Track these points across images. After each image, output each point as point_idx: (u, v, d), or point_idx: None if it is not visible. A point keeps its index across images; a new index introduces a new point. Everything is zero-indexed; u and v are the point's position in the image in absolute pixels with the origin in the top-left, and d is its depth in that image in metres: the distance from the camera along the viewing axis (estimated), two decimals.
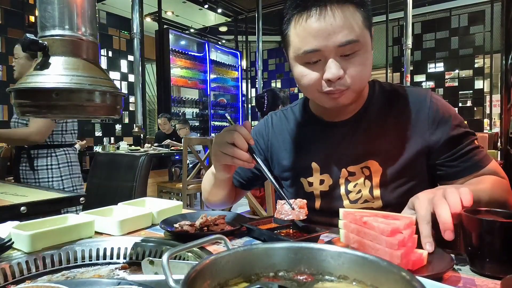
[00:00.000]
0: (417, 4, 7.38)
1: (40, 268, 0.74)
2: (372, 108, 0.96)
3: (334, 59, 0.81)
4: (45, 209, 1.33)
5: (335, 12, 0.79)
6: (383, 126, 0.94)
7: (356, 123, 0.96)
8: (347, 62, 0.82)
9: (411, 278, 0.35)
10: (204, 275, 0.39)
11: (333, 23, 0.79)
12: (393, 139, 0.92)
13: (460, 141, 0.90)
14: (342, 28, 0.79)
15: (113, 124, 7.21)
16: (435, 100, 0.92)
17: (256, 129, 1.15)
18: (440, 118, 0.90)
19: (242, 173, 1.14)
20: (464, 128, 0.92)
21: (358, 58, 0.82)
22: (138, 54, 4.09)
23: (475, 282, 0.59)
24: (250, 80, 9.57)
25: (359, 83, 0.85)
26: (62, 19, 0.61)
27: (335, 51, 0.80)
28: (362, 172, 0.94)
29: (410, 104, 0.93)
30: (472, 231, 0.62)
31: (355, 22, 0.80)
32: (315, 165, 0.98)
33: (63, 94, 0.58)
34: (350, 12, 0.80)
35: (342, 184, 0.95)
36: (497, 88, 7.51)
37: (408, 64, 5.35)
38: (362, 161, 0.93)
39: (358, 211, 0.66)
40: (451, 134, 0.90)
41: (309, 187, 1.00)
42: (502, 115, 3.65)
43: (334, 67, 0.81)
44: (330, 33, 0.79)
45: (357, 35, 0.80)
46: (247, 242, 0.84)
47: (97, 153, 2.26)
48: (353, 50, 0.81)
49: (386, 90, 0.98)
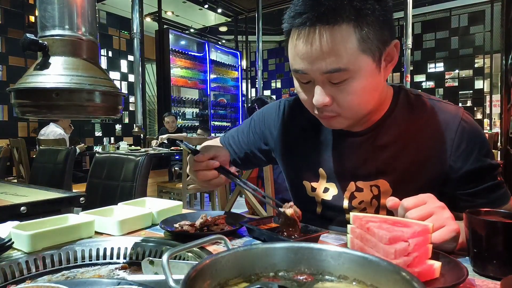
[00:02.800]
0: (417, 4, 7.37)
1: (40, 268, 0.74)
2: (392, 120, 0.86)
3: (321, 85, 0.75)
4: (45, 209, 1.33)
5: (323, 35, 0.70)
6: (402, 142, 0.85)
7: (373, 135, 0.87)
8: (336, 89, 0.75)
9: (411, 278, 0.35)
10: (204, 275, 0.39)
11: (319, 48, 0.70)
12: (410, 159, 0.84)
13: (481, 176, 0.82)
14: (328, 54, 0.70)
15: (113, 124, 7.20)
16: (465, 124, 0.82)
17: (265, 114, 1.06)
18: (466, 145, 0.81)
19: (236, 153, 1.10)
20: (490, 159, 0.82)
21: (348, 86, 0.73)
22: (138, 54, 4.09)
23: (475, 282, 0.59)
24: (250, 80, 9.57)
25: (352, 111, 0.78)
26: (62, 19, 0.61)
27: (321, 77, 0.74)
28: (371, 191, 0.87)
29: (436, 122, 0.83)
30: (474, 232, 0.62)
31: (345, 47, 0.70)
32: (322, 172, 0.93)
33: (63, 94, 0.58)
34: (342, 35, 0.69)
35: (347, 197, 0.90)
36: (497, 88, 7.50)
37: (408, 64, 5.35)
38: (373, 178, 0.87)
39: (368, 215, 0.63)
40: (474, 166, 0.81)
41: (311, 191, 0.96)
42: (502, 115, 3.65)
43: (319, 94, 0.75)
44: (315, 59, 0.71)
45: (346, 63, 0.70)
46: (247, 242, 0.84)
47: (97, 153, 2.25)
48: (341, 78, 0.72)
49: (412, 101, 0.87)
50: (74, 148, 3.02)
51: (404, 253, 0.54)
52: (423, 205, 0.66)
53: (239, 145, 1.09)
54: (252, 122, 1.09)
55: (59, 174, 2.82)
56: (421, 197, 0.68)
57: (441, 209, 0.66)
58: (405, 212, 0.66)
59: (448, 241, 0.64)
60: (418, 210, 0.65)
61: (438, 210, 0.66)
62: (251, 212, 2.33)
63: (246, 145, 1.08)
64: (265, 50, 9.16)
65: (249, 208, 2.41)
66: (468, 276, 0.54)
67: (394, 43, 0.76)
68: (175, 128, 5.85)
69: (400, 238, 0.55)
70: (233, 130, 1.14)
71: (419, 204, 0.66)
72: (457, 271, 0.56)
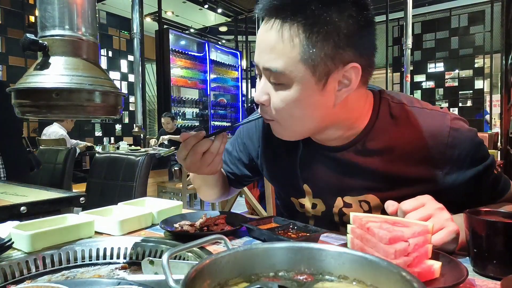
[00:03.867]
0: (417, 4, 7.38)
1: (40, 268, 0.74)
2: (374, 134, 0.79)
3: (263, 81, 0.72)
4: (45, 209, 1.33)
5: (274, 28, 0.66)
6: (387, 155, 0.79)
7: (354, 149, 0.81)
8: (273, 90, 0.71)
9: (411, 278, 0.35)
10: (204, 275, 0.39)
11: (266, 40, 0.68)
12: (397, 173, 0.79)
13: (479, 180, 0.79)
14: (270, 50, 0.67)
15: (113, 124, 7.21)
16: (455, 133, 0.76)
17: (246, 129, 1.02)
18: (457, 156, 0.76)
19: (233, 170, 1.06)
20: (485, 161, 0.79)
21: (282, 92, 0.69)
22: (138, 54, 4.10)
23: (475, 282, 0.59)
24: (250, 80, 9.57)
25: (285, 121, 0.73)
26: (62, 19, 0.61)
27: (263, 72, 0.70)
28: (361, 206, 0.84)
29: (423, 133, 0.77)
30: (474, 232, 0.62)
31: (287, 49, 0.65)
32: (307, 188, 0.90)
33: (63, 94, 0.58)
34: (288, 35, 0.65)
35: (336, 213, 0.88)
36: (497, 88, 7.50)
37: (408, 64, 5.36)
38: (361, 193, 0.83)
39: (367, 215, 0.63)
40: (470, 175, 0.78)
41: (300, 208, 0.94)
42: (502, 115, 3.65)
43: (259, 90, 0.72)
44: (261, 51, 0.69)
45: (283, 66, 0.66)
46: (247, 242, 0.84)
47: (97, 153, 2.26)
48: (278, 80, 0.68)
49: (394, 112, 0.80)
50: (74, 148, 3.02)
51: (404, 253, 0.54)
52: (421, 207, 0.66)
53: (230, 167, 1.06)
54: (235, 141, 1.05)
55: (59, 174, 2.83)
56: (419, 199, 0.68)
57: (440, 211, 0.66)
58: (404, 216, 0.66)
59: (448, 242, 0.64)
60: (417, 213, 0.65)
61: (437, 211, 0.66)
62: (251, 212, 2.33)
63: (233, 165, 1.05)
64: None
65: (249, 208, 2.41)
66: (468, 276, 0.54)
67: (351, 66, 0.67)
68: (173, 128, 5.81)
69: (400, 238, 0.55)
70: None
71: (418, 206, 0.66)
72: (457, 271, 0.56)
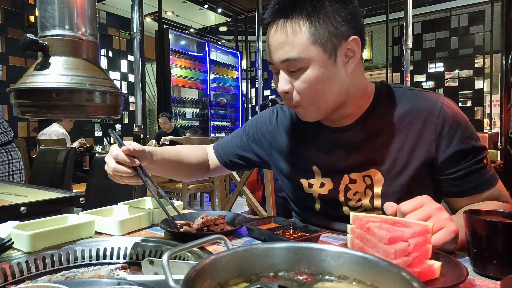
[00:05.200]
0: (417, 4, 7.37)
1: (40, 268, 0.74)
2: (376, 112, 0.90)
3: (282, 74, 0.84)
4: (45, 209, 1.33)
5: (281, 28, 0.80)
6: (388, 133, 0.89)
7: (359, 128, 0.91)
8: (293, 77, 0.83)
9: (411, 278, 0.35)
10: (204, 275, 0.39)
11: (277, 39, 0.81)
12: (398, 148, 0.87)
13: (466, 157, 0.84)
14: (283, 44, 0.80)
15: (113, 124, 7.20)
16: (447, 108, 0.86)
17: (259, 121, 1.12)
18: (449, 128, 0.84)
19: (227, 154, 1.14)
20: (475, 141, 0.85)
21: (302, 75, 0.81)
22: (138, 54, 4.09)
23: (475, 282, 0.59)
24: (250, 80, 9.57)
25: (308, 100, 0.84)
26: (62, 19, 0.61)
27: (281, 65, 0.83)
28: (364, 181, 0.90)
29: (419, 110, 0.87)
30: (474, 232, 0.62)
31: (298, 38, 0.79)
32: (316, 169, 0.97)
33: (63, 94, 0.58)
34: (294, 28, 0.79)
35: (342, 190, 0.93)
36: (497, 88, 7.50)
37: (408, 64, 5.35)
38: (364, 169, 0.90)
39: (367, 215, 0.63)
40: (458, 148, 0.84)
41: (308, 188, 0.98)
42: (502, 115, 3.65)
43: (281, 81, 0.84)
44: (275, 49, 0.82)
45: (298, 52, 0.79)
46: (247, 242, 0.84)
47: (97, 153, 2.26)
48: (296, 67, 0.81)
49: (394, 94, 0.92)
50: (74, 148, 3.02)
51: (404, 253, 0.54)
52: (420, 208, 0.67)
53: (232, 149, 1.14)
54: (246, 127, 1.15)
55: (59, 174, 2.82)
56: (418, 200, 0.68)
57: (439, 211, 0.66)
58: (404, 217, 0.66)
59: (448, 242, 0.64)
60: (416, 214, 0.65)
61: (436, 212, 0.66)
62: (251, 212, 2.33)
63: (239, 148, 1.13)
64: (265, 50, 9.15)
65: (249, 208, 2.41)
66: (468, 276, 0.54)
67: (352, 39, 0.81)
68: (171, 128, 5.79)
69: (400, 238, 0.55)
70: (227, 137, 1.21)
71: (417, 207, 0.67)
72: (457, 271, 0.56)
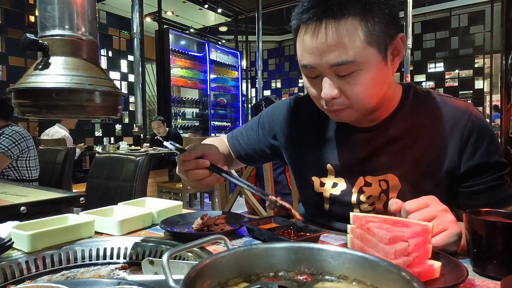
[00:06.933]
0: (417, 4, 7.37)
1: (40, 268, 0.74)
2: (401, 116, 0.87)
3: (329, 78, 0.77)
4: (45, 209, 1.33)
5: (329, 29, 0.72)
6: (411, 137, 0.85)
7: (383, 130, 0.88)
8: (344, 82, 0.76)
9: (411, 278, 0.35)
10: (204, 275, 0.39)
11: (326, 41, 0.72)
12: (419, 154, 0.84)
13: (487, 171, 0.81)
14: (335, 47, 0.72)
15: (113, 124, 7.21)
16: (475, 119, 0.82)
17: (275, 113, 1.07)
18: (475, 140, 0.81)
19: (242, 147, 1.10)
20: (499, 156, 0.82)
21: (356, 78, 0.75)
22: (138, 54, 4.09)
23: (475, 282, 0.59)
24: (250, 80, 9.57)
25: (360, 103, 0.79)
26: (62, 19, 0.61)
27: (329, 70, 0.75)
28: (380, 185, 0.87)
29: (446, 117, 0.84)
30: (474, 232, 0.61)
31: (352, 40, 0.72)
32: (330, 167, 0.93)
33: (63, 94, 0.58)
34: (348, 28, 0.72)
35: (355, 192, 0.90)
36: (497, 88, 7.51)
37: (408, 64, 5.36)
38: (382, 173, 0.87)
39: (368, 215, 0.63)
40: (480, 161, 0.81)
41: (320, 187, 0.95)
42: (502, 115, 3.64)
43: (327, 87, 0.77)
44: (323, 52, 0.74)
45: (354, 55, 0.72)
46: (247, 242, 0.84)
47: (97, 153, 2.26)
48: (349, 70, 0.74)
49: (421, 97, 0.88)
50: (74, 148, 3.02)
51: (404, 253, 0.54)
52: (425, 207, 0.66)
53: (247, 141, 1.10)
54: (261, 119, 1.10)
55: (59, 174, 2.83)
56: (423, 200, 0.67)
57: (443, 212, 0.66)
58: (408, 215, 0.66)
59: (450, 244, 0.64)
60: (420, 213, 0.65)
61: (441, 213, 0.65)
62: (251, 212, 2.34)
63: (254, 141, 1.09)
64: (265, 50, 9.17)
65: (249, 208, 2.41)
66: (468, 276, 0.54)
67: (400, 36, 0.78)
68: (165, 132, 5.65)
69: (400, 238, 0.55)
70: (241, 127, 1.16)
71: (422, 207, 0.66)
72: (457, 271, 0.56)
